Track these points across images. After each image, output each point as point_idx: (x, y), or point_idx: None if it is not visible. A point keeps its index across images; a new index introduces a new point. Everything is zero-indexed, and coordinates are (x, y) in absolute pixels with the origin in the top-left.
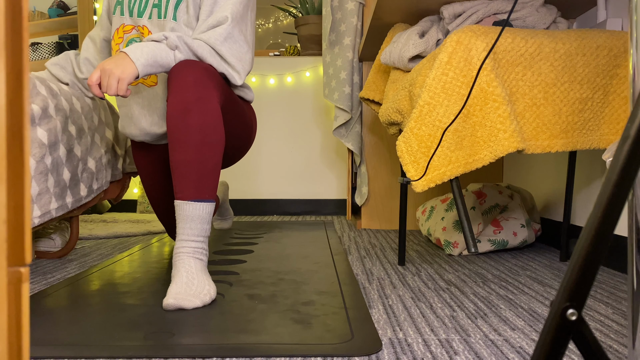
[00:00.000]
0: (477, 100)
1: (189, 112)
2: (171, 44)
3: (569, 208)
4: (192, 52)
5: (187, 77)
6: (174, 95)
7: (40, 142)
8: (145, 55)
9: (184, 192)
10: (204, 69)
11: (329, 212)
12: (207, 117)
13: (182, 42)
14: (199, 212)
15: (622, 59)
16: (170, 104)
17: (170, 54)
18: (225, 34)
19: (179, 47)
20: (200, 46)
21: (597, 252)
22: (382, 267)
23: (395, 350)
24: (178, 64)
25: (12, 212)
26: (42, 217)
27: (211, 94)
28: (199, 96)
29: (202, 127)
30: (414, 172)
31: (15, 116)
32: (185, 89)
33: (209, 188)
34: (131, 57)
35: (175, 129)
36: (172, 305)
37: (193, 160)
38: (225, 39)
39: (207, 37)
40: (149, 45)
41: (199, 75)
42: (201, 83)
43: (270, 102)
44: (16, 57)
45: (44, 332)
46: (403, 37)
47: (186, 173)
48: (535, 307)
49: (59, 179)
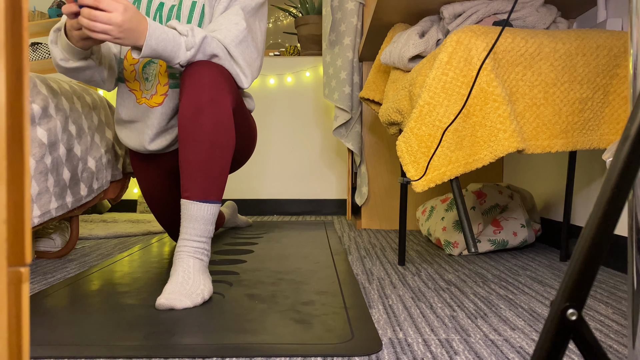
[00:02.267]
0: (477, 100)
1: (201, 113)
2: (189, 44)
3: (569, 208)
4: (208, 54)
5: (203, 78)
6: (189, 95)
7: (40, 141)
8: (159, 42)
9: (191, 192)
10: (220, 72)
11: (329, 212)
12: (219, 119)
13: (200, 44)
14: (204, 213)
15: (622, 59)
16: (184, 104)
17: (182, 51)
18: (241, 37)
19: (194, 48)
20: (217, 46)
21: (597, 252)
22: (382, 267)
23: (395, 350)
24: (194, 64)
25: (12, 212)
26: (42, 217)
27: (225, 96)
28: (213, 98)
29: (214, 129)
30: (414, 172)
31: (15, 116)
32: (201, 89)
33: (216, 190)
34: (148, 33)
35: (187, 129)
36: (163, 305)
37: (202, 161)
38: (240, 42)
39: (222, 36)
40: (169, 34)
41: (215, 77)
42: (216, 85)
43: (270, 102)
44: (16, 57)
45: (44, 332)
46: (403, 37)
47: (194, 173)
48: (535, 307)
49: (59, 178)
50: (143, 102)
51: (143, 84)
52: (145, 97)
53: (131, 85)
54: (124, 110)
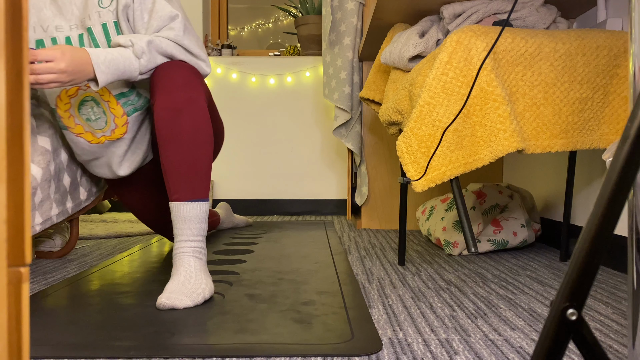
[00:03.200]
0: (477, 100)
1: (180, 113)
2: (137, 52)
3: (569, 208)
4: (161, 53)
5: (176, 78)
6: (164, 96)
7: (43, 149)
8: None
9: (180, 193)
10: (189, 70)
11: (329, 212)
12: (197, 117)
13: (149, 47)
14: (196, 212)
15: (622, 59)
16: (159, 106)
17: (136, 63)
18: (183, 27)
19: (145, 53)
20: (168, 45)
21: (597, 252)
22: (382, 267)
23: (395, 350)
24: (161, 66)
25: (12, 212)
26: (44, 224)
27: (200, 94)
28: (189, 97)
29: (194, 128)
30: (414, 172)
31: (15, 116)
32: (175, 89)
33: (204, 188)
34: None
35: (166, 132)
36: (164, 304)
37: (187, 162)
38: (185, 31)
39: (166, 34)
40: (114, 53)
41: (186, 75)
42: (190, 83)
43: (270, 102)
44: (16, 57)
45: (44, 332)
46: (403, 37)
47: (180, 174)
48: (535, 307)
49: (59, 184)
50: (104, 140)
51: (87, 125)
52: (105, 134)
53: (75, 131)
54: (81, 154)
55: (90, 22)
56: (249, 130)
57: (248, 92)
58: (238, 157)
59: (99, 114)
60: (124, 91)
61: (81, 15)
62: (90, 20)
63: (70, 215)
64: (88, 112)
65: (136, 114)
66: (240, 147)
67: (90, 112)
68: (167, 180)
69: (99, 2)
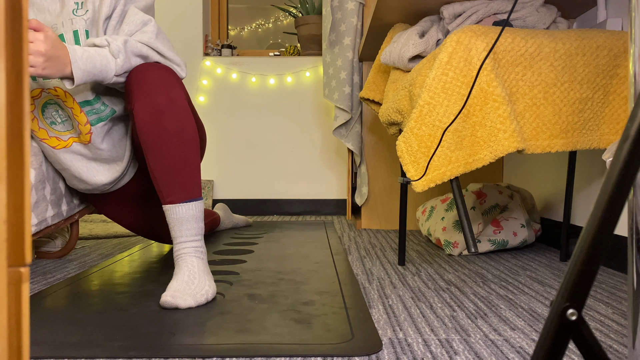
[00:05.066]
0: (477, 100)
1: (162, 115)
2: (114, 51)
3: (569, 208)
4: (136, 54)
5: (154, 79)
6: (144, 98)
7: (36, 149)
8: (86, 62)
9: (174, 196)
10: (165, 70)
11: (329, 212)
12: (180, 117)
13: (125, 46)
14: (193, 212)
15: (622, 59)
16: (140, 109)
17: (112, 62)
18: (155, 30)
19: (121, 52)
20: (142, 47)
21: (597, 252)
22: (382, 267)
23: (395, 350)
24: (139, 66)
25: (12, 212)
26: (39, 225)
27: (179, 93)
28: (170, 98)
29: (178, 129)
30: (414, 172)
31: (15, 116)
32: (154, 91)
33: (196, 186)
34: (71, 57)
35: (151, 135)
36: (168, 302)
37: (176, 163)
38: (157, 35)
39: (139, 37)
40: (91, 52)
41: (165, 76)
42: (169, 84)
43: (270, 102)
44: (16, 57)
45: (44, 332)
46: (403, 37)
47: (171, 177)
48: (535, 307)
49: (55, 187)
50: (72, 142)
51: (51, 130)
52: (73, 136)
53: (39, 135)
54: (52, 163)
55: (62, 29)
56: (249, 130)
57: (248, 92)
58: (238, 157)
59: (64, 117)
60: (89, 99)
61: (54, 22)
62: (63, 27)
63: (65, 218)
64: (52, 115)
65: (100, 124)
66: (240, 147)
67: (55, 115)
68: (157, 184)
69: (74, 10)
